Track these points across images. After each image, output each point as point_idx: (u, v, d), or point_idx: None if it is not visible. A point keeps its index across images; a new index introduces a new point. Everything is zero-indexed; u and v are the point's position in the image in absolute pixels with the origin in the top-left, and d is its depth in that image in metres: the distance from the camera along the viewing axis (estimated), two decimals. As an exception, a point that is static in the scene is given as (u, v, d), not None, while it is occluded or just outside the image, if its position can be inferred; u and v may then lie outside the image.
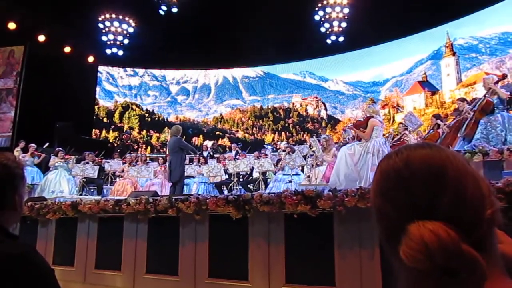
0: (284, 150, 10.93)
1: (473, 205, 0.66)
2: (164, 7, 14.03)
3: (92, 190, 10.99)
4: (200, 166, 11.30)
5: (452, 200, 0.65)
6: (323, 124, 25.71)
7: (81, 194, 9.90)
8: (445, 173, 0.68)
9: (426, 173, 0.68)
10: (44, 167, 11.63)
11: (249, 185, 10.17)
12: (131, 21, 15.72)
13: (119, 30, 15.66)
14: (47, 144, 12.70)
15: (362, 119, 6.83)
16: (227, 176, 10.97)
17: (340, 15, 14.65)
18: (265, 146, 17.44)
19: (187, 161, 12.29)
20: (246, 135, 26.48)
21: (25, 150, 11.77)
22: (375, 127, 6.37)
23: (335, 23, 14.84)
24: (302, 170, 10.12)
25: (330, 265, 4.06)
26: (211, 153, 14.00)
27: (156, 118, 26.46)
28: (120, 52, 16.05)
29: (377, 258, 3.86)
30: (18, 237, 1.40)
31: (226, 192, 10.06)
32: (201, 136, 25.11)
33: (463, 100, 7.97)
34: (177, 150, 8.65)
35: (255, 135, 26.62)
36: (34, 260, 1.29)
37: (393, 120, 21.52)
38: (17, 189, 1.43)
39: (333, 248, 4.09)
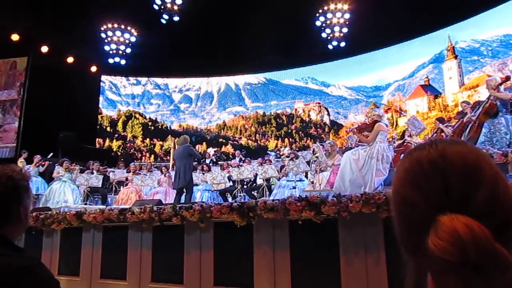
0: (287, 156, 10.92)
1: (505, 206, 0.65)
2: (165, 16, 14.09)
3: (96, 199, 10.99)
4: (203, 173, 11.30)
5: (486, 197, 0.65)
6: (326, 130, 25.71)
7: (85, 204, 9.90)
8: (481, 170, 0.68)
9: (463, 167, 0.68)
10: (48, 177, 11.65)
11: (253, 192, 10.16)
12: (133, 30, 15.79)
13: (122, 39, 15.73)
14: (51, 154, 12.74)
15: (368, 123, 6.75)
16: (231, 183, 10.96)
17: (341, 20, 14.68)
18: (269, 152, 17.43)
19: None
20: (249, 141, 26.50)
21: (28, 160, 11.81)
22: (380, 132, 6.34)
23: (336, 29, 14.86)
24: (306, 176, 10.10)
25: (336, 271, 4.04)
26: (214, 160, 14.00)
27: (159, 126, 26.54)
28: (123, 61, 16.12)
29: (383, 263, 3.84)
30: (23, 249, 1.41)
31: (230, 199, 10.05)
32: (204, 143, 25.16)
33: (468, 103, 7.95)
34: (186, 156, 8.70)
35: (258, 142, 26.64)
36: (39, 272, 1.30)
37: (396, 124, 21.50)
38: (22, 201, 1.45)
39: (339, 254, 4.08)
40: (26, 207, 1.47)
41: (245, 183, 11.01)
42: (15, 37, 13.79)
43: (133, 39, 15.92)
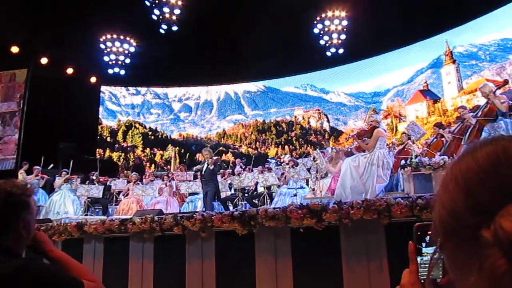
0: (287, 164, 10.91)
1: None
2: (164, 26, 14.15)
3: (97, 210, 10.96)
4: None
5: None
6: (326, 136, 25.72)
7: (86, 215, 9.88)
8: None
9: None
10: (49, 189, 11.64)
11: (254, 200, 10.13)
12: (132, 40, 15.85)
13: (121, 50, 15.78)
14: (51, 165, 12.73)
15: (366, 129, 6.75)
16: (232, 192, 10.94)
17: (339, 27, 14.73)
18: (269, 160, 17.42)
19: (191, 178, 12.33)
20: (250, 149, 26.50)
21: (29, 172, 11.80)
22: (379, 138, 6.34)
23: (334, 36, 14.91)
24: (307, 183, 10.08)
25: (338, 279, 4.02)
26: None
27: (159, 136, 26.56)
28: (122, 72, 16.15)
29: (386, 270, 3.83)
30: (20, 255, 1.47)
31: (231, 208, 10.02)
32: (204, 152, 25.12)
33: (464, 108, 7.96)
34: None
35: (259, 150, 26.63)
36: (34, 267, 1.36)
37: (396, 129, 21.51)
38: (21, 216, 1.47)
39: (341, 261, 4.06)
40: (27, 222, 1.49)
41: (246, 191, 10.99)
42: (14, 49, 13.86)
43: (132, 49, 15.98)
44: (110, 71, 16.06)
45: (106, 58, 15.82)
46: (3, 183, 1.47)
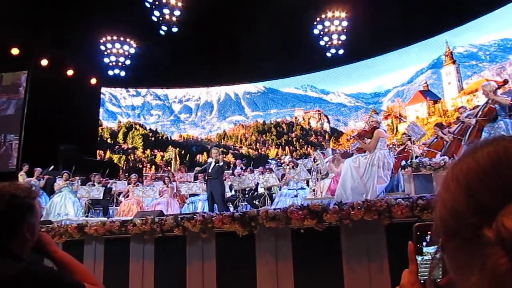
0: (287, 165, 10.91)
1: None
2: (164, 27, 14.17)
3: (98, 211, 10.97)
4: (203, 183, 11.27)
5: None
6: (327, 137, 25.71)
7: (87, 216, 9.88)
8: None
9: None
10: (49, 190, 11.64)
11: (254, 201, 10.13)
12: (132, 42, 15.87)
13: (121, 51, 15.80)
14: (52, 167, 12.74)
15: (367, 129, 6.74)
16: (232, 193, 10.94)
17: (339, 28, 14.75)
18: (269, 161, 17.42)
19: (192, 179, 12.34)
20: (250, 150, 26.49)
21: (29, 173, 11.81)
22: (380, 138, 6.33)
23: (334, 36, 14.93)
24: (308, 184, 10.08)
25: (339, 280, 4.02)
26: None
27: (160, 137, 26.56)
28: (122, 73, 16.16)
29: (386, 271, 3.82)
30: (24, 258, 1.45)
31: (231, 209, 10.01)
32: (205, 153, 25.15)
33: (465, 108, 7.96)
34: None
35: (259, 150, 26.63)
36: (35, 269, 1.36)
37: (396, 130, 21.51)
38: (25, 219, 1.47)
39: (342, 262, 4.06)
40: (31, 225, 1.49)
41: (246, 192, 10.98)
42: (15, 51, 13.86)
43: (132, 50, 15.99)
44: (110, 72, 16.08)
45: (106, 60, 15.84)
46: (8, 186, 1.46)
